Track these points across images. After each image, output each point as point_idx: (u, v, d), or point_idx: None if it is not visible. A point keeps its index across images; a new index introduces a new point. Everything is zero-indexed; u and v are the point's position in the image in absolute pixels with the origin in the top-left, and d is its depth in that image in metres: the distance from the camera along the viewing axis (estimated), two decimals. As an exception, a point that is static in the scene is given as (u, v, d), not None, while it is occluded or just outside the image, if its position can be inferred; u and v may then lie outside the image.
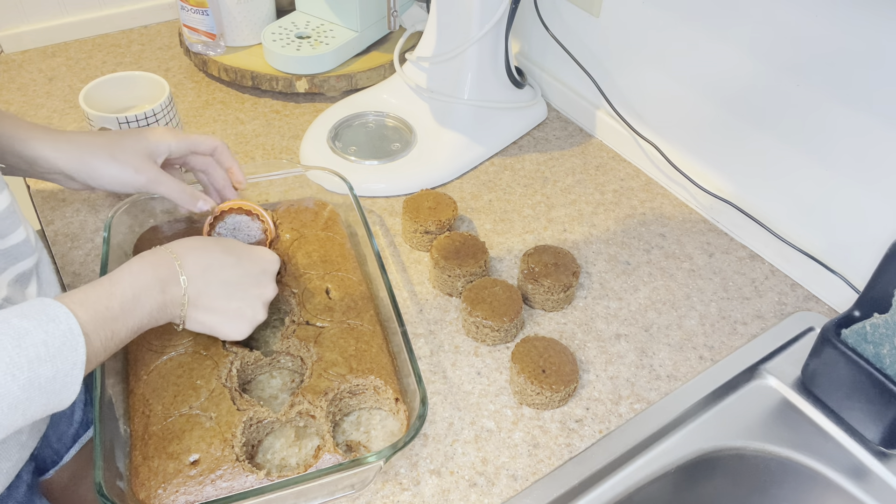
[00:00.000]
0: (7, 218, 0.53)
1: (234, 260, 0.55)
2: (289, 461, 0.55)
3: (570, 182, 0.86)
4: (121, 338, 0.48)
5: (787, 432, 0.61)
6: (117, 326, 0.47)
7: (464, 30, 0.82)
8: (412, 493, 0.55)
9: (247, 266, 0.56)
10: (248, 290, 0.55)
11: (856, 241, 0.68)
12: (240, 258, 0.55)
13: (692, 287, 0.73)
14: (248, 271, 0.55)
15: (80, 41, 1.07)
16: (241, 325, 0.55)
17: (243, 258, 0.56)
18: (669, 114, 0.83)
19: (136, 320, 0.49)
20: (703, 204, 0.81)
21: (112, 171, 0.59)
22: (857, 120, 0.64)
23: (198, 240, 0.55)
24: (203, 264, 0.53)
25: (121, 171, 0.59)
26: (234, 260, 0.55)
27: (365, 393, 0.58)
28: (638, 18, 0.81)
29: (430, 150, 0.86)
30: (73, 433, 0.67)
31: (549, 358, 0.60)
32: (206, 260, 0.53)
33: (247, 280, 0.55)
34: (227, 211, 0.66)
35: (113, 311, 0.47)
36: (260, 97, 0.98)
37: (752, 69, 0.71)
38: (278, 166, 0.74)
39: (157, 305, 0.50)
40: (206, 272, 0.53)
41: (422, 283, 0.72)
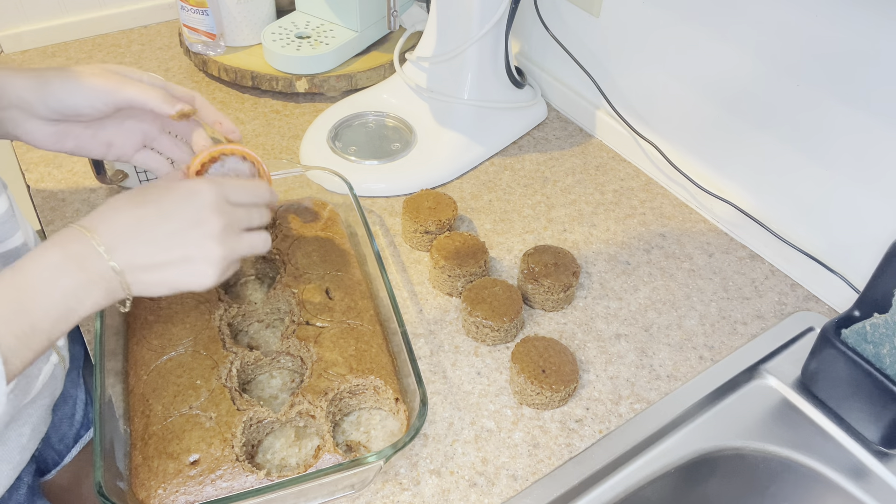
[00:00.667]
0: (6, 222, 0.53)
1: (154, 209, 0.48)
2: (289, 461, 0.56)
3: (570, 182, 0.86)
4: (46, 329, 0.44)
5: (787, 432, 0.61)
6: (35, 318, 0.43)
7: (464, 30, 0.82)
8: (412, 493, 0.55)
9: (171, 208, 0.49)
10: (186, 232, 0.48)
11: (856, 241, 0.68)
12: (160, 204, 0.49)
13: (692, 287, 0.73)
14: (176, 213, 0.49)
15: (80, 41, 1.07)
16: (199, 269, 0.49)
17: (164, 202, 0.49)
18: (669, 114, 0.83)
19: (57, 307, 0.44)
20: (703, 204, 0.81)
21: (73, 83, 0.54)
22: (857, 119, 0.64)
23: (107, 204, 0.49)
24: (121, 226, 0.47)
25: (81, 82, 0.54)
26: (155, 208, 0.48)
27: (365, 393, 0.58)
28: (638, 18, 0.81)
29: (430, 150, 0.86)
30: (75, 434, 0.67)
31: (549, 358, 0.60)
32: (122, 220, 0.47)
33: (179, 222, 0.48)
34: (221, 154, 0.57)
35: (22, 302, 0.43)
36: (260, 97, 0.98)
37: (752, 69, 0.71)
38: (278, 166, 0.74)
39: (79, 284, 0.45)
40: (128, 232, 0.47)
41: (422, 283, 0.72)
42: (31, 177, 0.82)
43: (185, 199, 0.49)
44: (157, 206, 0.48)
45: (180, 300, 0.63)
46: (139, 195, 0.49)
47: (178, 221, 0.48)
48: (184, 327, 0.61)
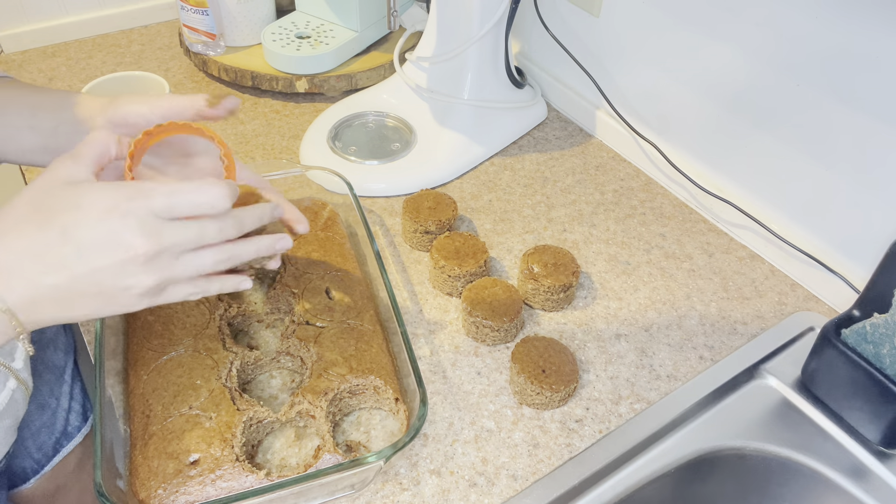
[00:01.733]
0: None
1: (58, 234, 0.39)
2: (289, 461, 0.56)
3: (570, 182, 0.86)
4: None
5: (787, 432, 0.61)
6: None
7: (464, 30, 0.82)
8: (412, 493, 0.55)
9: (81, 233, 0.39)
10: (99, 262, 0.39)
11: (856, 241, 0.68)
12: (66, 228, 0.39)
13: (692, 287, 0.73)
14: (87, 238, 0.39)
15: (80, 41, 1.07)
16: (118, 302, 0.41)
17: (72, 224, 0.39)
18: (669, 114, 0.83)
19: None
20: (703, 204, 0.81)
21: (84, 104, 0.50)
22: (857, 120, 0.64)
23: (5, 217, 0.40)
24: (17, 253, 0.38)
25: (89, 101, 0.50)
26: (60, 233, 0.39)
27: (365, 393, 0.58)
28: (638, 18, 0.81)
29: (430, 150, 0.86)
30: (54, 442, 0.66)
31: (549, 358, 0.60)
32: (19, 246, 0.39)
33: (91, 250, 0.39)
34: (164, 131, 0.48)
35: None
36: (260, 97, 0.98)
37: (752, 69, 0.71)
38: (278, 166, 0.74)
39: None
40: (27, 261, 0.38)
41: (422, 283, 0.72)
42: (31, 177, 0.82)
43: (99, 220, 0.39)
44: (63, 231, 0.39)
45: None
46: (41, 210, 0.39)
47: (91, 252, 0.39)
48: (184, 327, 0.61)
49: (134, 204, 0.39)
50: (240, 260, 0.45)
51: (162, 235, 0.40)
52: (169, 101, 0.50)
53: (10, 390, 0.54)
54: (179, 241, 0.40)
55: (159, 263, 0.40)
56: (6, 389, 0.54)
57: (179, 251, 0.41)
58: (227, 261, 0.44)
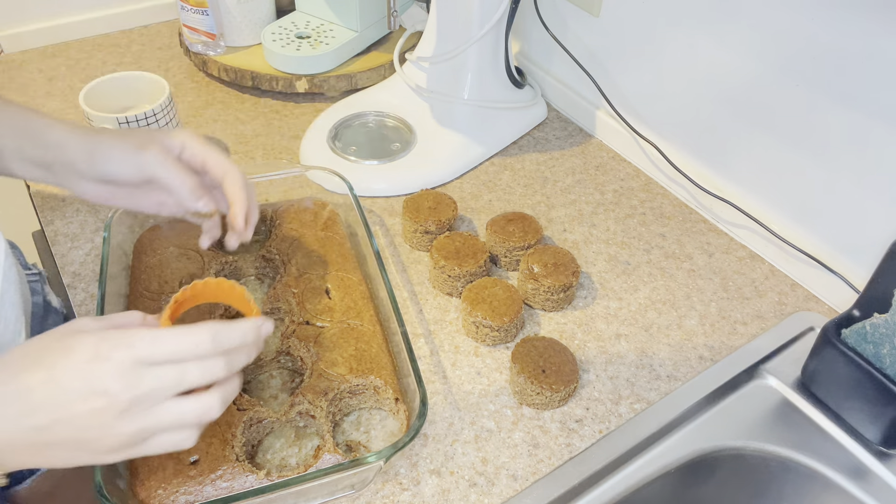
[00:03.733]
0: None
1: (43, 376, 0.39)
2: (289, 461, 0.56)
3: (570, 182, 0.86)
4: None
5: (787, 432, 0.61)
6: None
7: (464, 30, 0.82)
8: (412, 493, 0.55)
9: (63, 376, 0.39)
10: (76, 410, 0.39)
11: (856, 241, 0.68)
12: (52, 370, 0.39)
13: (692, 287, 0.73)
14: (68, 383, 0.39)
15: (80, 41, 1.07)
16: (92, 453, 0.40)
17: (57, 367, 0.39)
18: (669, 114, 0.83)
19: None
20: (703, 204, 0.81)
21: (115, 147, 0.52)
22: (856, 120, 0.64)
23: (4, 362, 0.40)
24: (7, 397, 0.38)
25: (122, 148, 0.52)
26: (45, 375, 0.39)
27: (365, 393, 0.58)
28: (638, 18, 0.81)
29: (430, 150, 0.86)
30: None
31: (549, 358, 0.60)
32: (10, 391, 0.39)
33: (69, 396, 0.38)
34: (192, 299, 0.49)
35: None
36: (260, 97, 0.98)
37: (752, 69, 0.71)
38: (278, 166, 0.74)
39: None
40: (5, 404, 0.38)
41: (422, 283, 0.72)
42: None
43: (82, 365, 0.39)
44: (49, 373, 0.39)
45: (180, 300, 0.63)
46: (33, 354, 0.40)
47: (71, 395, 0.38)
48: (184, 327, 0.60)
49: (117, 352, 0.39)
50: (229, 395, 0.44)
51: (139, 383, 0.39)
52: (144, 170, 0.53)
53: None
54: (159, 387, 0.39)
55: (137, 411, 0.39)
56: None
57: (160, 398, 0.40)
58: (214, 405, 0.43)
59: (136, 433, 0.40)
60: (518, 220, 0.73)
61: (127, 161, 0.53)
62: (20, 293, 0.58)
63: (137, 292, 0.64)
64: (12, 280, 0.57)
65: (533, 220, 0.73)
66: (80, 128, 0.55)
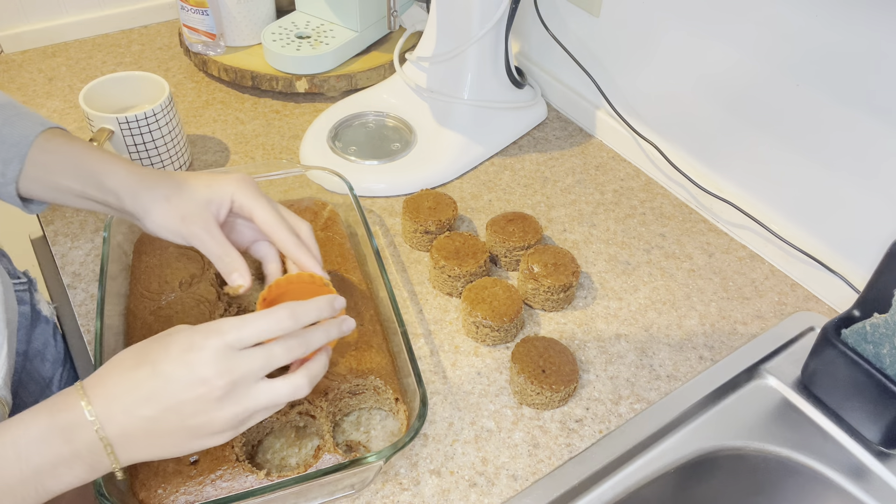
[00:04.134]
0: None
1: (149, 370, 0.42)
2: (289, 461, 0.55)
3: (570, 182, 0.86)
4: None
5: (787, 432, 0.61)
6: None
7: (464, 30, 0.82)
8: (412, 493, 0.55)
9: (168, 369, 0.42)
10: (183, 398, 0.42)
11: (856, 241, 0.68)
12: (156, 365, 0.42)
13: (692, 287, 0.73)
14: (173, 375, 0.42)
15: (80, 41, 1.07)
16: (200, 441, 0.44)
17: (161, 361, 0.43)
18: (669, 114, 0.83)
19: (27, 485, 0.40)
20: (703, 204, 0.81)
21: (160, 214, 0.53)
22: (857, 119, 0.64)
23: (108, 363, 0.44)
24: (116, 391, 0.42)
25: (167, 216, 0.53)
26: (150, 370, 0.42)
27: (365, 393, 0.58)
28: (638, 18, 0.81)
29: (430, 150, 0.86)
30: None
31: (549, 358, 0.60)
32: (118, 385, 0.42)
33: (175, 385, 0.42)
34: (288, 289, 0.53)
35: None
36: (260, 97, 0.98)
37: (752, 69, 0.71)
38: (278, 166, 0.74)
39: (59, 459, 0.40)
40: (124, 398, 0.42)
41: (422, 283, 0.72)
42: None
43: (180, 358, 0.42)
44: (153, 367, 0.42)
45: (180, 300, 0.63)
46: (139, 353, 0.44)
47: (175, 385, 0.42)
48: (184, 327, 0.60)
49: (209, 339, 0.43)
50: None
51: (233, 367, 0.43)
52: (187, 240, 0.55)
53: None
54: (251, 369, 0.43)
55: (234, 395, 0.43)
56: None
57: (253, 380, 0.43)
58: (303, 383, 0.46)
59: (237, 415, 0.43)
60: (518, 220, 0.73)
61: (171, 230, 0.54)
62: (4, 303, 0.58)
63: (137, 292, 0.64)
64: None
65: (533, 220, 0.73)
66: (134, 176, 0.54)
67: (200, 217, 0.54)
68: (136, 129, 0.75)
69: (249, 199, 0.55)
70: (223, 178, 0.55)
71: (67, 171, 0.55)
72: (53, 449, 0.40)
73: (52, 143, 0.56)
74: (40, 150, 0.55)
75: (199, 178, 0.55)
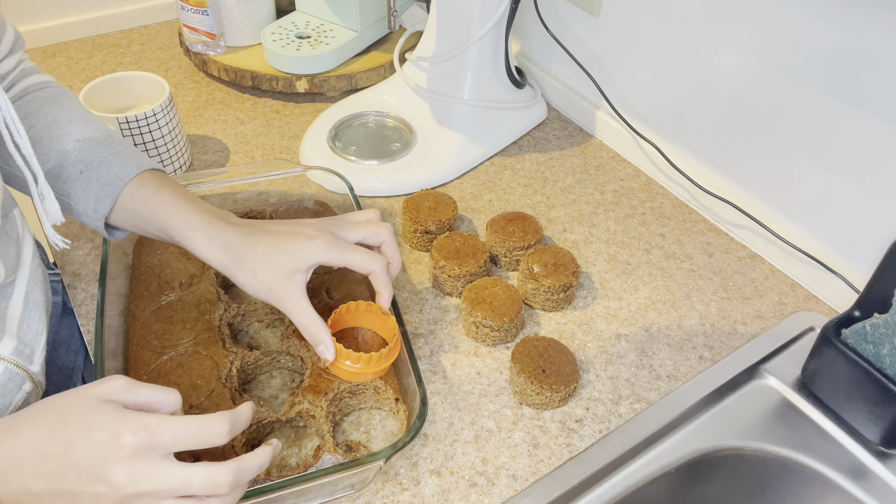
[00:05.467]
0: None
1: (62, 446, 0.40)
2: (289, 461, 0.55)
3: (570, 182, 0.86)
4: None
5: (787, 432, 0.61)
6: None
7: (464, 30, 0.82)
8: (412, 493, 0.55)
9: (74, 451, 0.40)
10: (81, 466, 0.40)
11: (856, 241, 0.68)
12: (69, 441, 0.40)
13: (692, 287, 0.73)
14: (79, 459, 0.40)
15: (80, 41, 1.07)
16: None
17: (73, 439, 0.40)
18: (669, 114, 0.83)
19: None
20: (703, 204, 0.81)
21: (250, 286, 0.54)
22: (857, 119, 0.64)
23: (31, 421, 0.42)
24: (24, 455, 0.40)
25: (255, 290, 0.54)
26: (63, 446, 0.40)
27: (365, 393, 0.58)
28: (638, 18, 0.81)
29: (430, 150, 0.86)
30: None
31: (549, 358, 0.60)
32: (29, 450, 0.40)
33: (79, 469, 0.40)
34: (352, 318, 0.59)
35: None
36: (260, 97, 0.98)
37: (752, 69, 0.71)
38: (278, 166, 0.74)
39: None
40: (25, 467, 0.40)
41: (422, 283, 0.72)
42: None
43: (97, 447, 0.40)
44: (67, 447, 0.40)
45: (180, 300, 0.63)
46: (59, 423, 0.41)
47: (80, 476, 0.40)
48: (184, 327, 0.61)
49: (134, 438, 0.40)
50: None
51: (145, 479, 0.40)
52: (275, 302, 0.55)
53: (25, 392, 0.55)
54: (161, 490, 0.40)
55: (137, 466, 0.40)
56: (21, 392, 0.54)
57: (159, 498, 0.41)
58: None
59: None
60: (518, 220, 0.73)
61: (262, 299, 0.55)
62: (43, 293, 0.59)
63: (137, 292, 0.64)
64: (37, 280, 0.58)
65: (533, 220, 0.73)
66: (217, 246, 0.55)
67: (287, 290, 0.54)
68: (136, 129, 0.75)
69: (340, 259, 0.56)
70: (310, 246, 0.54)
71: (153, 224, 0.57)
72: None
73: (142, 192, 0.57)
74: (131, 197, 0.57)
75: (287, 246, 0.55)
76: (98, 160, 0.57)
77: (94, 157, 0.58)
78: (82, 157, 0.57)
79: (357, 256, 0.56)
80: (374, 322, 0.60)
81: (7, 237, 0.55)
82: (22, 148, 0.50)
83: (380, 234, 0.59)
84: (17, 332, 0.54)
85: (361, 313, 0.59)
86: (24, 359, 0.54)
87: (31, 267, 0.57)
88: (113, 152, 0.58)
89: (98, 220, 0.57)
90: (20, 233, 0.57)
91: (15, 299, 0.55)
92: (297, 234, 0.55)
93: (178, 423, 0.41)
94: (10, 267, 0.55)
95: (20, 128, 0.49)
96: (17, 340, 0.54)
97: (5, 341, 0.53)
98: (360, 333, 0.60)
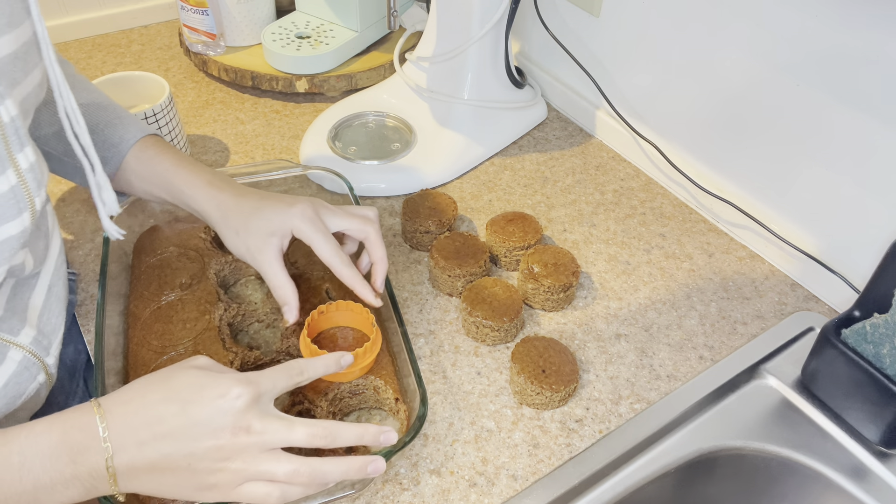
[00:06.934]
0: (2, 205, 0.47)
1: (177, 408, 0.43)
2: (289, 461, 0.55)
3: (570, 182, 0.86)
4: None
5: (787, 432, 0.61)
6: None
7: (464, 30, 0.82)
8: (412, 493, 0.55)
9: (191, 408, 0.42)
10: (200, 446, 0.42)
11: (856, 241, 0.68)
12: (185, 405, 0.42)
13: (692, 287, 0.73)
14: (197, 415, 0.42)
15: (80, 41, 1.07)
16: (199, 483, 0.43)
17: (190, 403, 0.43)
18: (669, 114, 0.83)
19: (23, 497, 0.40)
20: (703, 204, 0.81)
21: (231, 243, 0.58)
22: (856, 119, 0.64)
23: (135, 386, 0.44)
24: (135, 421, 0.42)
25: (236, 248, 0.58)
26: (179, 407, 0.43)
27: (365, 393, 0.58)
28: (638, 18, 0.81)
29: (430, 150, 0.86)
30: None
31: (549, 358, 0.60)
32: (139, 415, 0.42)
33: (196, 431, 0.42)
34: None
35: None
36: (260, 97, 0.98)
37: (752, 69, 0.71)
38: (278, 166, 0.74)
39: (60, 479, 0.40)
40: (141, 431, 0.42)
41: (422, 283, 0.72)
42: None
43: (212, 401, 0.43)
44: (183, 406, 0.42)
45: (180, 300, 0.63)
46: (168, 386, 0.43)
47: (200, 429, 0.42)
48: (184, 327, 0.61)
49: (243, 389, 0.43)
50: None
51: (254, 426, 0.43)
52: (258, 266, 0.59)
53: (38, 383, 0.55)
54: (267, 432, 0.43)
55: (245, 453, 0.43)
56: (35, 382, 0.55)
57: (265, 447, 0.43)
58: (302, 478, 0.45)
59: (235, 474, 0.43)
60: (518, 220, 0.73)
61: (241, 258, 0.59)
62: (64, 287, 0.60)
63: (137, 292, 0.64)
64: (61, 274, 0.59)
65: (533, 220, 0.73)
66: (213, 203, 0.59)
67: (261, 251, 0.57)
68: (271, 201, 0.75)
69: (308, 234, 0.57)
70: (288, 212, 0.57)
71: (155, 183, 0.61)
72: (58, 467, 0.40)
73: (146, 154, 0.61)
74: (135, 159, 0.61)
75: (267, 210, 0.57)
76: (104, 123, 0.61)
77: (100, 120, 0.61)
78: (88, 120, 0.57)
79: (323, 241, 0.57)
80: (349, 318, 0.61)
81: (38, 231, 0.55)
82: (81, 137, 0.50)
83: (364, 229, 0.60)
84: (37, 323, 0.55)
85: (334, 313, 0.61)
86: (41, 350, 0.55)
87: (56, 261, 0.58)
88: (117, 116, 0.61)
89: None
90: (50, 227, 0.58)
91: (38, 291, 0.56)
92: (281, 202, 0.58)
93: (270, 372, 0.46)
94: (38, 259, 0.55)
95: (80, 118, 0.50)
96: (37, 331, 0.55)
97: (26, 331, 0.53)
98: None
